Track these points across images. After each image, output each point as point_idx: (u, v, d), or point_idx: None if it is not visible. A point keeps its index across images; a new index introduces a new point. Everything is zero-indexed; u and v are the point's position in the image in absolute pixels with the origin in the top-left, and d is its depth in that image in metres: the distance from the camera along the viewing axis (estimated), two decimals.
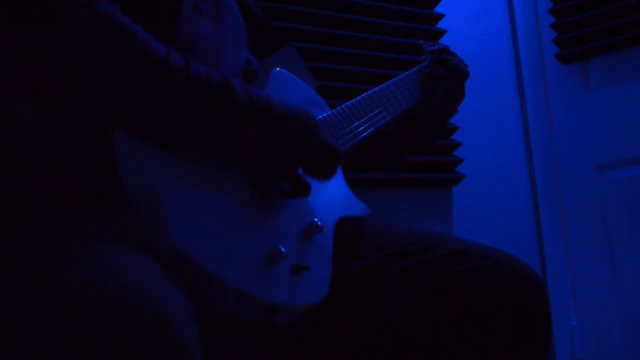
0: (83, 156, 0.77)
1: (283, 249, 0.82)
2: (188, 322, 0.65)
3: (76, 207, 0.76)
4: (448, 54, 1.31)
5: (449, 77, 1.27)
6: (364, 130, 1.13)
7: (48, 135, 0.77)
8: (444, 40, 2.12)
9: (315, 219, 0.92)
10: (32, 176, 0.77)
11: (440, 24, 2.16)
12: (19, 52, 0.72)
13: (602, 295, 2.14)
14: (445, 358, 0.98)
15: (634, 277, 2.10)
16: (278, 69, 1.06)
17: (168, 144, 0.79)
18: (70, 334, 0.60)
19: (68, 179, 0.77)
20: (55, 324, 0.61)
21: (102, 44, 0.74)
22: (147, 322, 0.61)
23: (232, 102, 0.82)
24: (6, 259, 0.72)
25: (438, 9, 2.17)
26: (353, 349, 1.03)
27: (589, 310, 2.18)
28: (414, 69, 1.29)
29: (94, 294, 0.62)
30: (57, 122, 0.78)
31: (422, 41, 1.41)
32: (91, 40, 0.73)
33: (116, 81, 0.75)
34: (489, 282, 0.98)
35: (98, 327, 0.60)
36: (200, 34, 0.92)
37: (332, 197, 1.04)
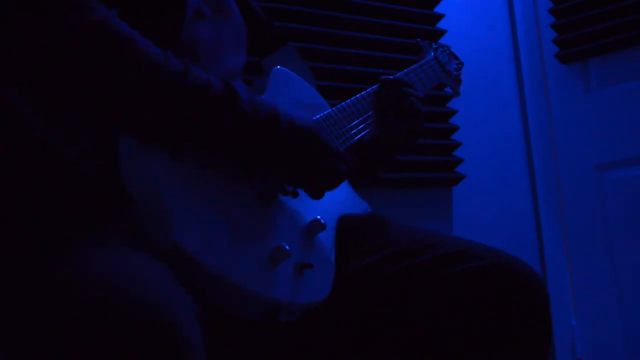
0: (87, 157, 0.77)
1: (287, 247, 0.82)
2: (192, 321, 0.65)
3: (80, 208, 0.76)
4: (405, 87, 1.18)
5: (397, 114, 1.15)
6: (363, 129, 1.13)
7: (51, 136, 0.77)
8: (444, 40, 2.12)
9: (318, 217, 0.92)
10: (36, 177, 0.77)
11: (440, 24, 2.16)
12: (18, 52, 0.72)
13: (602, 295, 2.14)
14: (446, 358, 0.98)
15: (634, 277, 2.10)
16: (279, 67, 1.05)
17: (172, 148, 0.79)
18: (76, 333, 0.60)
19: (72, 179, 0.77)
20: (61, 323, 0.61)
21: (98, 50, 0.73)
22: (151, 322, 0.61)
23: (235, 108, 0.81)
24: (11, 260, 0.72)
25: (438, 9, 2.17)
26: (353, 348, 1.03)
27: (589, 310, 2.18)
28: (372, 88, 1.18)
29: (99, 293, 0.62)
30: (60, 122, 0.78)
31: (418, 39, 1.40)
32: (86, 46, 0.72)
33: (114, 86, 0.74)
34: (489, 282, 0.98)
35: (102, 327, 0.60)
36: (201, 35, 0.92)
37: (334, 195, 1.04)
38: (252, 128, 0.83)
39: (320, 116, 1.04)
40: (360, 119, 1.12)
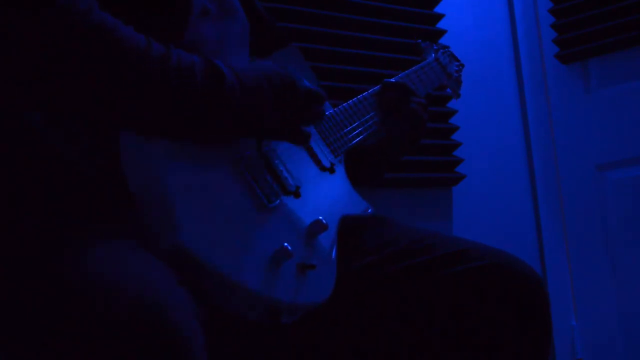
0: (87, 157, 0.77)
1: (289, 248, 0.82)
2: (193, 321, 0.65)
3: (80, 208, 0.76)
4: (407, 92, 1.18)
5: (399, 117, 1.16)
6: (365, 130, 1.12)
7: (51, 136, 0.77)
8: (444, 40, 2.12)
9: (320, 217, 0.92)
10: (36, 177, 0.77)
11: (440, 24, 2.16)
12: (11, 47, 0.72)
13: (602, 295, 2.14)
14: (446, 358, 0.98)
15: (634, 277, 2.10)
16: None
17: (171, 139, 0.79)
18: (76, 333, 0.60)
19: (72, 179, 0.77)
20: (61, 323, 0.61)
21: (82, 40, 0.73)
22: (152, 322, 0.61)
23: (221, 85, 0.81)
24: (11, 260, 0.72)
25: (438, 9, 2.17)
26: (353, 348, 1.03)
27: (589, 310, 2.18)
28: (373, 89, 1.18)
29: (99, 293, 0.62)
30: (60, 122, 0.77)
31: (419, 40, 1.40)
32: (70, 37, 0.72)
33: (99, 76, 0.74)
34: (489, 282, 0.98)
35: (102, 327, 0.60)
36: (205, 35, 0.92)
37: (335, 195, 1.04)
38: (240, 99, 0.83)
39: None
40: (362, 119, 1.12)
